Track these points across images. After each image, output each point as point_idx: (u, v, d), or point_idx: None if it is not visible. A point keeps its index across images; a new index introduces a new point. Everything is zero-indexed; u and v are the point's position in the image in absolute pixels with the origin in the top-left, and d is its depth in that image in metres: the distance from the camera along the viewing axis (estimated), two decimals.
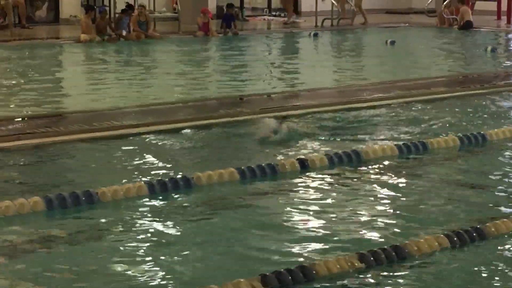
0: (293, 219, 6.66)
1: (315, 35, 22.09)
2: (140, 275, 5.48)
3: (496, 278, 5.47)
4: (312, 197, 7.29)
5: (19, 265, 5.69)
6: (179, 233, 6.36)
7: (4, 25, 21.59)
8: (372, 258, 5.56)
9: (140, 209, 6.89)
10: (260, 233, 6.27)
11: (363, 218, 6.63)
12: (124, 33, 20.19)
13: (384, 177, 7.90)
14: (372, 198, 7.22)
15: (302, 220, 6.58)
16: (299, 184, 7.66)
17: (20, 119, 10.56)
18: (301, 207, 6.95)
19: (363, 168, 8.16)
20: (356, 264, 5.49)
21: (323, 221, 6.53)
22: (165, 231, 6.37)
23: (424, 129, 9.97)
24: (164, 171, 7.93)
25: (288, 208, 6.93)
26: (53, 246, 6.10)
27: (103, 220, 6.65)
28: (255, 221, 6.58)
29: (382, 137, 9.57)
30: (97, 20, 20.61)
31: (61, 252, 5.99)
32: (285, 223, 6.54)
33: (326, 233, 6.25)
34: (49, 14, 23.82)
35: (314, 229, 6.36)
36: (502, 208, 6.92)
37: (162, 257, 5.80)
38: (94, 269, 5.58)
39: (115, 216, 6.75)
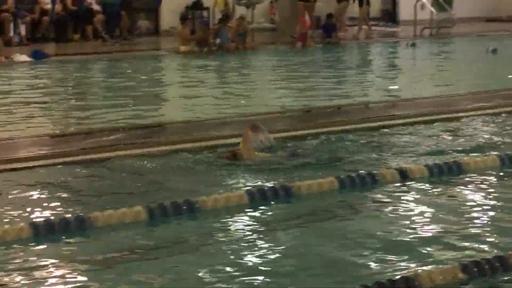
0: (393, 229, 6.63)
1: (413, 44, 21.88)
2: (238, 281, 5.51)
3: None
4: (412, 208, 7.23)
5: (123, 273, 5.75)
6: (279, 242, 6.33)
7: (105, 37, 22.07)
8: (475, 269, 5.49)
9: (241, 218, 6.93)
10: (359, 243, 6.24)
11: (464, 230, 6.54)
12: (223, 44, 20.34)
13: (486, 188, 7.79)
14: (474, 209, 7.11)
15: (402, 231, 6.54)
16: (399, 195, 7.61)
17: (121, 129, 10.70)
18: (401, 217, 6.92)
19: (464, 179, 8.04)
20: (460, 275, 5.43)
21: (424, 233, 6.47)
22: (264, 240, 6.37)
23: None
24: (264, 181, 7.94)
25: (388, 218, 6.91)
26: (155, 254, 6.17)
27: (203, 229, 6.70)
28: (353, 231, 6.55)
29: (483, 147, 9.41)
30: (196, 31, 20.83)
31: (163, 260, 6.03)
32: (385, 233, 6.51)
33: (427, 243, 6.18)
34: (150, 26, 24.17)
35: (416, 240, 6.30)
36: None
37: (262, 266, 5.80)
38: (197, 277, 5.61)
39: (215, 224, 6.80)
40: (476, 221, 6.77)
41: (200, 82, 16.09)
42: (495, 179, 8.09)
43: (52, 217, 6.67)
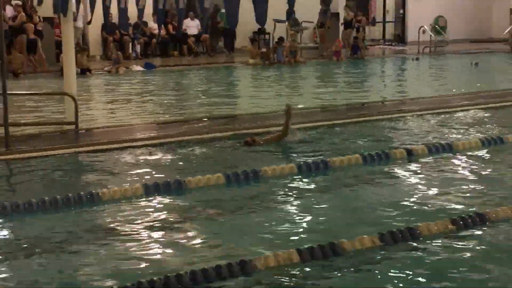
0: (401, 192, 6.54)
1: (417, 59, 21.74)
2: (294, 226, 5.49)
3: None
4: (415, 176, 7.11)
5: (211, 217, 5.78)
6: (321, 201, 6.30)
7: (196, 53, 22.18)
8: (461, 223, 5.41)
9: (292, 184, 6.85)
10: (376, 201, 6.18)
11: (454, 193, 6.43)
12: (279, 59, 20.43)
13: (470, 162, 7.66)
14: (461, 178, 6.99)
15: (408, 193, 6.44)
16: (406, 167, 7.50)
17: (206, 119, 10.73)
18: (407, 184, 6.83)
19: (454, 155, 7.91)
20: (450, 226, 5.34)
21: (424, 194, 6.39)
22: (311, 202, 6.35)
23: (502, 128, 9.59)
24: (310, 156, 7.91)
25: (398, 185, 6.82)
26: (233, 208, 6.16)
27: (265, 192, 6.63)
28: (373, 193, 6.50)
29: (468, 132, 9.28)
30: (261, 49, 20.93)
31: (238, 214, 6.00)
32: (394, 195, 6.43)
33: (425, 203, 6.09)
34: (227, 45, 24.26)
35: (417, 200, 6.21)
36: None
37: (311, 221, 5.80)
38: (262, 227, 5.58)
39: (274, 189, 6.72)
40: (462, 186, 6.66)
41: (263, 86, 16.13)
42: (478, 156, 7.96)
43: (158, 180, 6.71)
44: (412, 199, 6.21)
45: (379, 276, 4.51)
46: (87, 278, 4.55)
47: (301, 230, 5.45)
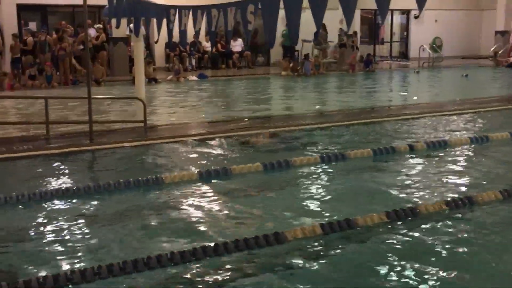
0: (405, 179, 6.46)
1: (417, 72, 21.39)
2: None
3: None
4: (416, 168, 7.03)
5: (253, 197, 5.81)
6: (342, 182, 6.26)
7: (239, 67, 22.15)
8: (453, 204, 5.32)
9: (314, 171, 6.83)
10: (384, 184, 6.12)
11: (448, 178, 6.34)
12: (306, 71, 20.32)
13: (461, 155, 7.54)
14: (454, 167, 6.88)
15: (410, 180, 6.38)
16: (409, 160, 7.42)
17: (247, 119, 10.71)
18: (410, 173, 6.75)
19: (448, 150, 7.79)
20: (443, 206, 5.27)
21: (423, 180, 6.31)
22: (332, 183, 6.31)
23: (488, 127, 9.41)
24: (330, 150, 7.84)
25: (402, 173, 6.72)
26: (271, 188, 6.13)
27: (294, 177, 6.57)
28: (382, 180, 6.43)
29: (459, 132, 9.12)
30: (292, 63, 20.82)
31: (275, 192, 5.97)
32: (399, 181, 6.35)
33: (423, 187, 6.01)
34: (264, 60, 24.21)
35: (417, 184, 6.14)
36: None
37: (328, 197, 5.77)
38: (292, 202, 5.57)
39: (300, 174, 6.70)
40: (454, 175, 6.57)
41: (293, 92, 16.03)
42: (467, 151, 7.83)
43: (209, 168, 6.73)
44: (413, 185, 6.15)
45: (384, 247, 4.48)
46: (151, 244, 4.60)
47: (323, 208, 5.43)
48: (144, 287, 3.87)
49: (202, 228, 4.93)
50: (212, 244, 4.35)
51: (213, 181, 6.36)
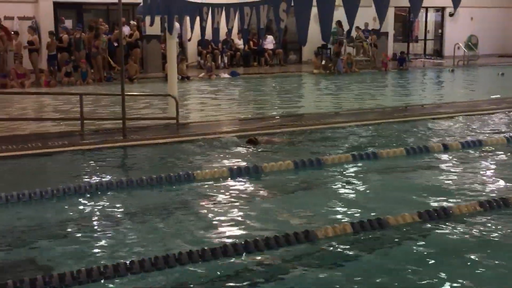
0: (437, 176, 6.36)
1: (452, 70, 21.10)
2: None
3: None
4: (449, 167, 6.91)
5: (283, 196, 5.80)
6: (370, 179, 6.20)
7: (271, 64, 22.16)
8: (488, 205, 5.22)
9: (346, 169, 6.75)
10: (419, 185, 6.03)
11: (481, 179, 6.22)
12: (338, 69, 20.22)
13: (496, 155, 7.40)
14: (487, 167, 6.76)
15: (443, 177, 6.28)
16: (443, 159, 7.30)
17: (278, 117, 10.69)
18: (443, 171, 6.63)
19: (483, 151, 7.64)
20: (478, 208, 5.16)
21: (457, 179, 6.18)
22: (359, 180, 6.25)
23: None
24: (362, 148, 7.77)
25: (435, 171, 6.61)
26: (301, 186, 6.10)
27: (326, 176, 6.53)
28: (416, 177, 6.35)
29: (495, 131, 8.94)
30: (324, 60, 20.73)
31: (306, 191, 5.96)
32: (433, 178, 6.26)
33: (457, 186, 5.89)
34: (296, 58, 24.16)
35: (450, 183, 6.03)
36: None
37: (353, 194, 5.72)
38: (322, 203, 5.52)
39: (331, 173, 6.65)
40: (489, 175, 6.46)
41: (325, 89, 15.99)
42: (503, 151, 7.63)
43: (239, 165, 6.73)
44: (446, 185, 6.05)
45: (416, 247, 4.42)
46: (181, 240, 4.62)
47: (354, 206, 5.38)
48: (175, 283, 3.90)
49: (232, 225, 4.94)
50: (242, 242, 4.35)
51: (243, 178, 6.36)
